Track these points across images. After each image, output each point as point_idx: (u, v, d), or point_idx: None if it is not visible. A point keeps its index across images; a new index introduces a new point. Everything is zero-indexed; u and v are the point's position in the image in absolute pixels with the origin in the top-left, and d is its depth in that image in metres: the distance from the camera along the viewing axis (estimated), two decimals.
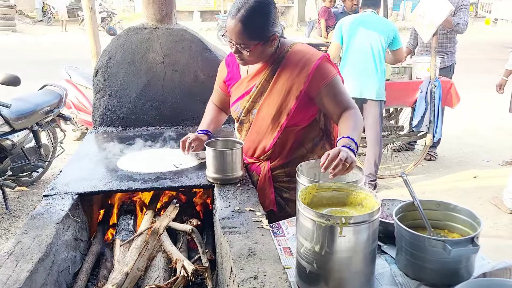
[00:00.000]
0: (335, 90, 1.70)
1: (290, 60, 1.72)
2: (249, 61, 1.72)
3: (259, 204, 1.62)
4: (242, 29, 1.59)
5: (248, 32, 1.60)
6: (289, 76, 1.70)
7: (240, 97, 1.83)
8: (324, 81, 1.68)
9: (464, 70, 5.93)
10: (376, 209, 1.19)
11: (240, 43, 1.63)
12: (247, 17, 1.58)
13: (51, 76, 5.81)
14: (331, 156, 1.40)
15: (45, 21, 20.28)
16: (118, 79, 2.61)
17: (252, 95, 1.78)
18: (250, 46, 1.63)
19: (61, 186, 1.80)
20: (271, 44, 1.68)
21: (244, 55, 1.67)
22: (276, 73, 1.73)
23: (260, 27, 1.62)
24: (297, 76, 1.69)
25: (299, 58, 1.71)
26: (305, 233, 1.20)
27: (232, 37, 1.63)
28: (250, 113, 1.81)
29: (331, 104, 1.70)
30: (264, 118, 1.77)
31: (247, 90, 1.80)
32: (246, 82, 1.82)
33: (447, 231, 1.40)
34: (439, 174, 4.60)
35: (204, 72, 2.64)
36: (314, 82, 1.68)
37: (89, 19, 4.81)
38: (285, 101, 1.72)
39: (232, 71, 1.90)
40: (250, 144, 1.88)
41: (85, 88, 5.16)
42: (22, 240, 1.42)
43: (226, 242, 1.36)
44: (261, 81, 1.75)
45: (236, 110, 1.86)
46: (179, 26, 2.67)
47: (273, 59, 1.75)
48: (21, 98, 3.90)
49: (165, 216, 1.75)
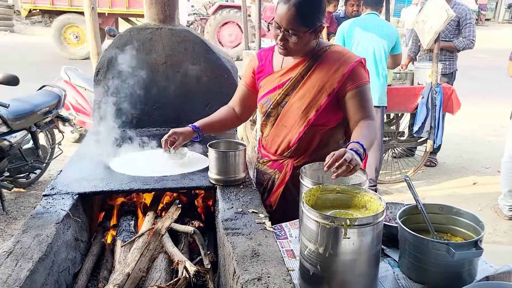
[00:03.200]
0: (362, 96, 1.71)
1: (328, 59, 1.73)
2: (293, 51, 1.70)
3: (262, 206, 1.61)
4: (295, 14, 1.58)
5: (301, 17, 1.59)
6: (325, 73, 1.71)
7: (271, 90, 1.82)
8: (355, 84, 1.69)
9: (465, 77, 5.95)
10: (380, 212, 1.18)
11: (290, 28, 1.61)
12: (301, 2, 1.58)
13: (49, 77, 5.79)
14: (336, 156, 1.40)
15: (43, 22, 20.24)
16: (119, 80, 2.60)
17: (285, 89, 1.77)
18: (299, 33, 1.62)
19: (61, 186, 1.79)
20: (317, 35, 1.69)
21: (291, 43, 1.65)
22: (311, 69, 1.73)
23: (312, 14, 1.62)
24: (333, 75, 1.70)
25: (336, 57, 1.73)
26: (309, 235, 1.20)
27: (283, 22, 1.61)
28: (279, 106, 1.80)
29: (353, 108, 1.71)
30: (294, 111, 1.77)
31: (279, 83, 1.79)
32: (279, 76, 1.81)
33: (450, 234, 1.40)
34: (439, 180, 4.61)
35: (206, 74, 2.63)
36: (346, 82, 1.69)
37: (90, 19, 4.80)
38: (316, 97, 1.72)
39: (264, 64, 1.88)
40: (275, 138, 1.86)
41: (84, 90, 5.14)
42: (22, 239, 1.40)
43: (229, 243, 1.35)
44: (296, 75, 1.75)
45: (266, 103, 1.84)
46: (182, 26, 2.66)
47: (311, 56, 1.75)
48: (19, 98, 3.87)
49: (168, 217, 1.74)
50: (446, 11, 3.79)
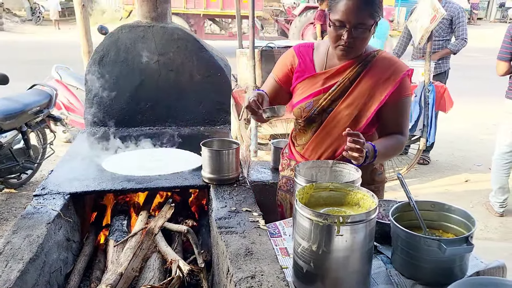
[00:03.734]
0: (402, 109, 1.66)
1: (378, 65, 1.64)
2: (357, 50, 1.60)
3: (255, 205, 1.61)
4: (364, 6, 1.49)
5: (368, 8, 1.50)
6: (376, 80, 1.62)
7: (314, 93, 1.68)
8: (401, 95, 1.63)
9: (457, 75, 5.99)
10: (373, 209, 1.19)
11: (359, 23, 1.51)
12: None
13: (40, 76, 5.73)
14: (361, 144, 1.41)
15: (34, 20, 20.08)
16: (111, 78, 2.58)
17: (332, 93, 1.65)
18: (369, 27, 1.52)
19: (53, 186, 1.77)
20: (374, 30, 1.58)
21: (358, 40, 1.54)
22: (361, 74, 1.63)
23: (376, 4, 1.53)
24: (384, 82, 1.62)
25: (388, 64, 1.64)
26: (302, 232, 1.20)
27: (350, 17, 1.49)
28: (325, 112, 1.68)
29: (390, 119, 1.66)
30: (342, 119, 1.66)
31: (325, 87, 1.66)
32: (324, 78, 1.67)
33: (442, 231, 1.41)
34: (432, 178, 4.64)
35: (199, 72, 2.62)
36: (395, 92, 1.63)
37: (80, 17, 4.75)
38: (367, 105, 1.63)
39: (305, 62, 1.73)
40: (317, 146, 1.73)
41: (76, 89, 5.09)
42: (12, 240, 1.39)
43: (222, 242, 1.35)
44: (344, 80, 1.64)
45: (308, 107, 1.69)
46: (175, 24, 2.64)
47: (360, 60, 1.65)
48: (9, 97, 3.82)
49: (160, 216, 1.73)
50: (436, 10, 3.81)
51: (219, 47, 2.85)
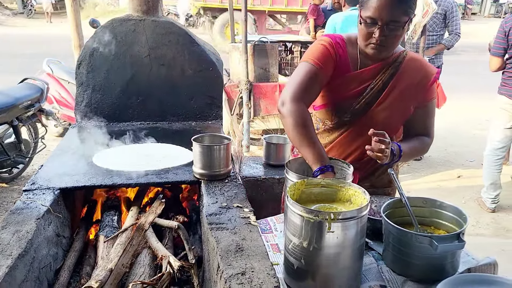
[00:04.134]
0: (429, 111, 1.66)
1: (409, 66, 1.59)
2: (390, 49, 1.52)
3: (247, 201, 1.60)
4: (398, 2, 1.42)
5: (402, 4, 1.43)
6: (410, 82, 1.58)
7: (347, 95, 1.59)
8: (430, 97, 1.63)
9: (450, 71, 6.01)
10: (364, 205, 1.18)
11: (392, 20, 1.42)
12: None
13: (32, 69, 5.66)
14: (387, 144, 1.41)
15: (25, 13, 19.85)
16: (101, 72, 2.55)
17: (366, 96, 1.58)
18: (403, 24, 1.44)
19: (42, 181, 1.75)
20: (408, 27, 1.50)
21: (391, 38, 1.47)
22: (395, 76, 1.57)
23: (412, 0, 1.46)
24: (417, 84, 1.59)
25: (418, 65, 1.61)
26: (293, 229, 1.19)
27: (383, 14, 1.41)
28: (359, 115, 1.60)
29: (417, 121, 1.64)
30: (378, 122, 1.56)
31: (358, 88, 1.58)
32: (358, 78, 1.58)
33: (433, 227, 1.41)
34: (424, 174, 4.66)
35: (191, 67, 2.60)
36: (427, 95, 1.62)
37: (71, 10, 4.69)
38: (402, 109, 1.61)
39: (341, 57, 1.58)
40: (343, 147, 1.66)
41: (68, 83, 5.04)
42: (0, 235, 1.37)
43: (213, 238, 1.34)
44: (377, 82, 1.57)
45: (341, 107, 1.62)
46: (166, 18, 2.62)
47: (391, 60, 1.58)
48: (0, 91, 3.79)
49: (151, 212, 1.72)
50: (428, 5, 3.82)
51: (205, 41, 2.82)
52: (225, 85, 4.38)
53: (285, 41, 5.23)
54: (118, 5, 21.85)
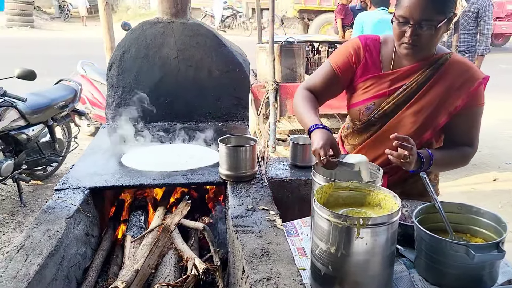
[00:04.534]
0: (474, 120, 1.54)
1: (451, 69, 1.50)
2: (424, 48, 1.45)
3: (272, 203, 1.58)
4: (431, 0, 1.37)
5: (436, 2, 1.37)
6: (448, 87, 1.49)
7: (378, 95, 1.54)
8: (475, 104, 1.50)
9: (485, 69, 5.80)
10: (395, 211, 1.14)
11: (424, 19, 1.37)
12: None
13: (67, 71, 5.85)
14: (409, 149, 1.33)
15: (62, 18, 20.59)
16: (131, 74, 2.59)
17: (397, 97, 1.52)
18: (435, 23, 1.38)
19: (73, 181, 1.78)
20: (448, 27, 1.44)
21: (424, 38, 1.41)
22: (432, 79, 1.50)
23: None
24: (457, 90, 1.48)
25: (462, 69, 1.51)
26: (320, 233, 1.16)
27: (414, 13, 1.37)
28: (387, 117, 1.55)
29: (459, 130, 1.54)
30: (405, 126, 1.52)
31: (390, 89, 1.53)
32: (390, 79, 1.53)
33: (469, 235, 1.35)
34: (457, 176, 4.49)
35: (218, 68, 2.60)
36: (468, 101, 1.50)
37: (104, 14, 4.81)
38: (435, 114, 1.51)
39: (372, 58, 1.56)
40: (371, 150, 1.60)
41: (100, 84, 5.18)
42: (32, 234, 1.40)
43: (238, 241, 1.32)
44: (412, 84, 1.51)
45: (368, 109, 1.57)
46: (194, 20, 2.63)
47: (430, 62, 1.51)
48: (36, 92, 3.93)
49: (177, 213, 1.72)
50: (459, 2, 3.69)
51: (239, 42, 2.83)
52: (252, 85, 4.37)
53: (312, 41, 5.17)
54: (149, 8, 22.32)
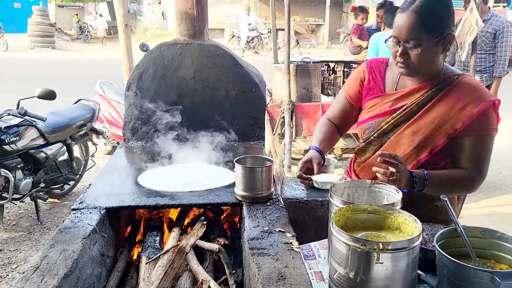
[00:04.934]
0: (482, 146, 1.47)
1: (456, 91, 1.46)
2: (417, 68, 1.46)
3: (289, 225, 1.55)
4: (416, 20, 1.38)
5: (423, 23, 1.38)
6: (449, 108, 1.45)
7: (379, 114, 1.56)
8: (478, 130, 1.45)
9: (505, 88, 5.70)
10: (416, 235, 1.11)
11: (411, 39, 1.40)
12: (422, 7, 1.38)
13: (85, 91, 5.98)
14: (395, 164, 1.31)
15: (82, 39, 21.23)
16: (149, 94, 2.63)
17: (396, 117, 1.52)
18: (422, 42, 1.39)
19: (90, 200, 1.80)
20: (445, 47, 1.44)
21: (413, 57, 1.42)
22: (433, 100, 1.48)
23: (437, 18, 1.40)
24: (458, 112, 1.44)
25: (468, 91, 1.46)
26: (338, 258, 1.13)
27: (402, 33, 1.41)
28: (386, 136, 1.56)
29: (465, 156, 1.47)
30: (402, 146, 1.52)
31: (391, 109, 1.54)
32: (392, 99, 1.55)
33: (493, 261, 1.29)
34: (477, 198, 4.37)
35: (235, 88, 2.62)
36: (472, 124, 1.44)
37: (123, 35, 4.93)
38: (433, 136, 1.48)
39: (375, 80, 1.62)
40: (371, 170, 1.55)
41: (118, 103, 5.27)
42: (49, 254, 1.41)
43: (254, 264, 1.30)
44: (412, 104, 1.50)
45: (368, 129, 1.60)
46: (211, 41, 2.67)
47: (434, 83, 1.49)
48: (56, 112, 4.01)
49: (192, 234, 1.71)
50: (476, 22, 3.66)
51: (262, 62, 2.86)
52: (267, 105, 4.38)
53: (328, 61, 5.19)
54: (166, 29, 22.85)
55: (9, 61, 14.09)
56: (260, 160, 1.84)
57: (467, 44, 3.83)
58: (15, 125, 3.44)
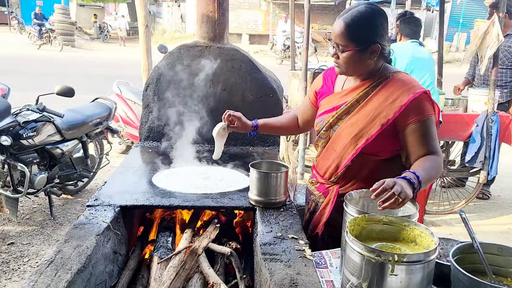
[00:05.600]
0: (424, 131, 1.59)
1: (388, 87, 1.64)
2: (344, 68, 1.66)
3: (302, 232, 1.54)
4: (343, 29, 1.58)
5: (348, 33, 1.58)
6: (382, 102, 1.63)
7: (327, 111, 1.78)
8: (416, 118, 1.58)
9: None
10: (433, 249, 1.09)
11: (338, 43, 1.61)
12: (351, 18, 1.58)
13: (103, 90, 6.05)
14: (385, 185, 1.31)
15: (101, 39, 21.55)
16: (166, 95, 2.65)
17: (339, 112, 1.72)
18: (346, 48, 1.60)
19: (105, 198, 1.81)
20: (370, 55, 1.62)
21: (340, 59, 1.63)
22: (369, 96, 1.66)
23: (361, 31, 1.59)
24: (390, 105, 1.60)
25: (398, 86, 1.63)
26: (352, 267, 1.12)
27: (333, 37, 1.63)
28: (332, 129, 1.76)
29: (415, 144, 1.60)
30: (344, 136, 1.71)
31: (337, 105, 1.75)
32: (338, 97, 1.76)
33: (510, 279, 1.27)
34: (493, 215, 4.30)
35: (252, 93, 2.63)
36: (405, 115, 1.59)
37: (143, 36, 4.99)
38: (368, 126, 1.64)
39: (326, 84, 1.87)
40: (324, 160, 1.81)
41: (134, 103, 5.32)
42: (63, 249, 1.42)
43: (266, 269, 1.29)
44: (352, 100, 1.69)
45: (319, 123, 1.82)
46: (231, 45, 2.68)
47: (372, 81, 1.68)
48: (73, 109, 4.06)
49: (205, 236, 1.71)
50: (497, 36, 3.61)
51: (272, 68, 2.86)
52: (283, 111, 4.38)
53: None
54: (184, 32, 23.08)
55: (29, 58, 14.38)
56: (276, 166, 1.83)
57: (486, 58, 3.78)
58: (33, 120, 3.49)
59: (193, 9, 24.27)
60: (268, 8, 21.70)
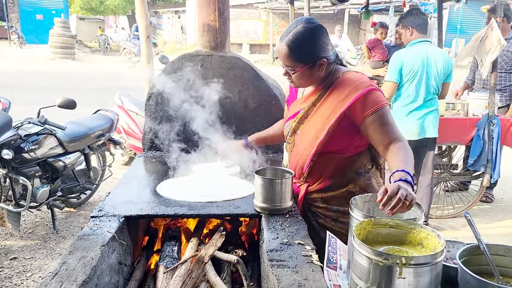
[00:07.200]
0: (381, 120, 1.67)
1: (338, 87, 1.75)
2: (298, 84, 1.80)
3: (308, 238, 1.54)
4: (288, 52, 1.67)
5: (293, 55, 1.68)
6: (333, 101, 1.74)
7: (291, 117, 1.91)
8: (369, 110, 1.67)
9: None
10: (440, 251, 1.09)
11: (287, 65, 1.72)
12: (293, 41, 1.66)
13: (105, 101, 6.08)
14: (390, 193, 1.32)
15: (102, 51, 21.69)
16: (169, 105, 2.65)
17: (299, 116, 1.84)
18: (295, 69, 1.71)
19: (109, 208, 1.81)
20: (319, 68, 1.72)
21: (292, 77, 1.75)
22: (323, 97, 1.78)
23: (305, 51, 1.68)
24: (341, 102, 1.71)
25: (347, 84, 1.73)
26: (359, 272, 1.12)
27: (281, 59, 1.73)
28: (295, 134, 1.88)
29: (377, 134, 1.68)
30: (304, 139, 1.82)
31: (297, 111, 1.87)
32: (299, 104, 1.89)
33: None
34: (496, 218, 4.29)
35: (254, 100, 2.64)
36: (357, 109, 1.68)
37: (145, 46, 5.03)
38: (324, 125, 1.75)
39: (292, 93, 2.01)
40: (293, 164, 1.92)
41: (136, 114, 5.34)
42: (67, 260, 1.41)
43: (274, 276, 1.29)
44: (309, 104, 1.81)
45: (286, 129, 1.96)
46: (232, 53, 2.70)
47: (325, 84, 1.80)
48: (75, 121, 4.08)
49: (211, 245, 1.71)
50: (498, 41, 3.63)
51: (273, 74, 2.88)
52: None
53: None
54: (185, 43, 23.24)
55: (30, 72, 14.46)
56: (280, 172, 1.84)
57: (488, 63, 3.79)
58: (35, 133, 3.50)
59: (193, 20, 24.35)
60: (268, 18, 21.87)
